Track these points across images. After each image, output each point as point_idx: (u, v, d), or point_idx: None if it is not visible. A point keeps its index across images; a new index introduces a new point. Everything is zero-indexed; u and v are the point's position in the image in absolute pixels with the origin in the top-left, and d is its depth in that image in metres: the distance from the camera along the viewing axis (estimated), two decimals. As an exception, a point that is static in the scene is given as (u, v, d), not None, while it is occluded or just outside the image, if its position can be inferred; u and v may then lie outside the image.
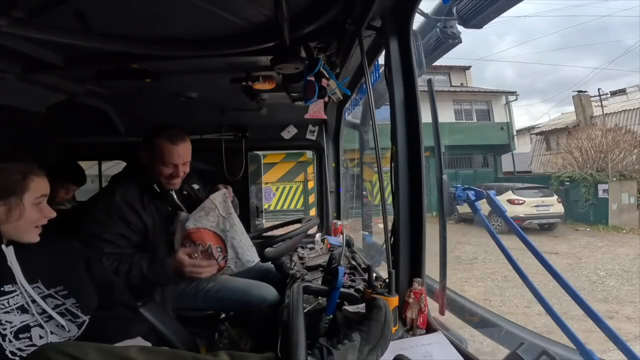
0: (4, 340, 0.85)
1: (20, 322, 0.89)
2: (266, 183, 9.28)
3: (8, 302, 0.89)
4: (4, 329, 0.86)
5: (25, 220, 0.96)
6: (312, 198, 12.14)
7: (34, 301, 0.92)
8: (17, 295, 0.91)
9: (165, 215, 1.47)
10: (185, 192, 1.63)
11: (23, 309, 0.90)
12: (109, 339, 0.95)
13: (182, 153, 1.44)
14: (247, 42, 1.23)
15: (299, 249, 2.13)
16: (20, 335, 0.88)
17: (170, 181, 1.48)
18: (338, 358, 0.79)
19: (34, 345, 0.88)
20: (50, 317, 0.93)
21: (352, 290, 1.22)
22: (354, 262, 1.73)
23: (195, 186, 1.70)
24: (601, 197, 10.81)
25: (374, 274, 1.23)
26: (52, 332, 0.92)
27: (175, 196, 1.56)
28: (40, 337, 0.90)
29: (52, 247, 1.05)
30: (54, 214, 1.02)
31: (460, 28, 1.59)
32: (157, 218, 1.44)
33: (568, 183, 11.49)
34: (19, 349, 0.86)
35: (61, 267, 1.04)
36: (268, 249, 1.58)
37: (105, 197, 1.41)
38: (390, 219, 1.19)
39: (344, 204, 2.69)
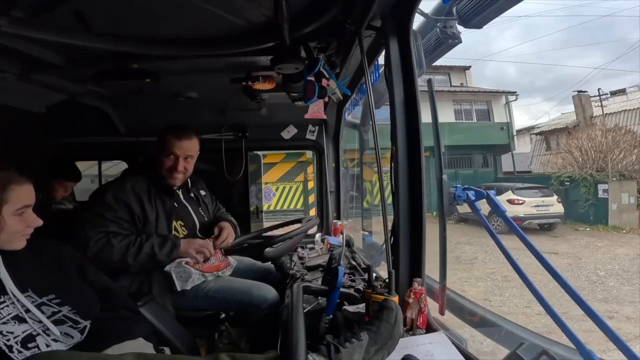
0: (10, 351, 0.83)
1: (23, 332, 0.87)
2: (266, 183, 9.29)
3: (1, 313, 0.87)
4: (8, 340, 0.84)
5: (8, 233, 0.91)
6: (312, 198, 12.13)
7: (28, 310, 0.90)
8: (8, 305, 0.88)
9: (169, 210, 1.53)
10: (192, 195, 1.69)
11: (20, 319, 0.88)
12: (111, 341, 0.94)
13: (185, 147, 1.53)
14: (247, 42, 1.23)
15: (299, 249, 2.13)
16: (29, 345, 0.86)
17: (171, 174, 1.54)
18: (345, 356, 0.79)
19: None
20: (49, 326, 0.91)
21: (352, 290, 1.22)
22: (354, 262, 1.73)
23: (202, 192, 1.76)
24: (601, 197, 10.81)
25: (374, 274, 1.23)
26: (56, 340, 0.90)
27: (181, 195, 1.62)
28: (47, 346, 0.88)
29: (41, 253, 1.02)
30: (40, 223, 0.97)
31: (460, 28, 1.59)
32: (160, 211, 1.50)
33: (568, 183, 11.49)
34: None
35: (52, 275, 1.01)
36: (268, 249, 1.58)
37: (117, 183, 1.50)
38: (390, 219, 1.19)
39: (344, 204, 2.70)
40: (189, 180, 1.67)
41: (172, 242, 1.44)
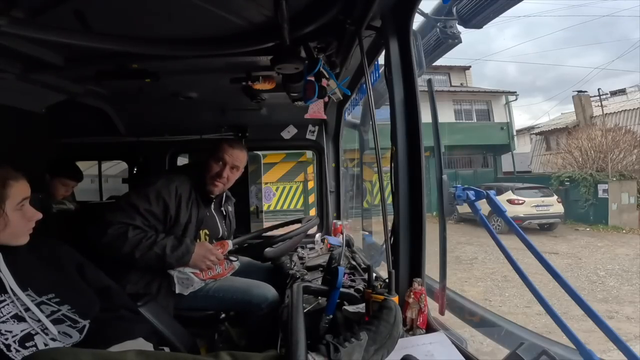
0: (9, 350, 0.83)
1: (21, 331, 0.87)
2: (266, 183, 9.29)
3: (1, 312, 0.87)
4: (6, 339, 0.84)
5: (12, 228, 0.93)
6: (312, 198, 12.13)
7: (27, 309, 0.90)
8: (8, 304, 0.89)
9: (201, 219, 1.55)
10: (222, 209, 1.73)
11: (19, 318, 0.88)
12: (111, 341, 0.94)
13: (235, 155, 1.58)
14: (247, 42, 1.23)
15: (299, 249, 2.13)
16: (27, 344, 0.86)
17: (214, 181, 1.56)
18: (344, 356, 0.78)
19: None
20: (48, 325, 0.91)
21: (352, 290, 1.22)
22: (354, 262, 1.73)
23: (230, 208, 1.80)
24: (601, 197, 10.80)
25: (374, 274, 1.23)
26: (54, 339, 0.90)
27: (213, 206, 1.66)
28: (45, 345, 0.88)
29: (41, 253, 1.03)
30: (39, 215, 0.99)
31: (460, 28, 1.59)
32: (194, 217, 1.52)
33: (568, 183, 11.48)
34: None
35: (51, 274, 1.01)
36: (268, 249, 1.58)
37: (165, 180, 1.51)
38: (390, 219, 1.19)
39: (344, 204, 2.69)
40: (224, 194, 1.70)
41: (185, 248, 1.43)
